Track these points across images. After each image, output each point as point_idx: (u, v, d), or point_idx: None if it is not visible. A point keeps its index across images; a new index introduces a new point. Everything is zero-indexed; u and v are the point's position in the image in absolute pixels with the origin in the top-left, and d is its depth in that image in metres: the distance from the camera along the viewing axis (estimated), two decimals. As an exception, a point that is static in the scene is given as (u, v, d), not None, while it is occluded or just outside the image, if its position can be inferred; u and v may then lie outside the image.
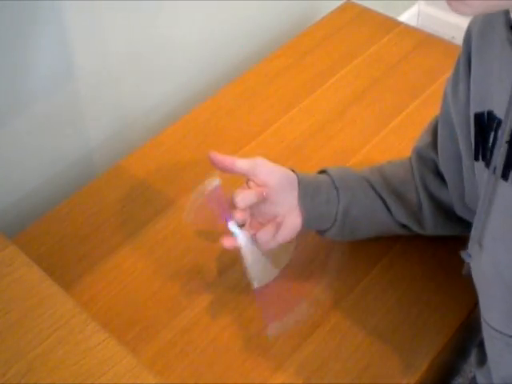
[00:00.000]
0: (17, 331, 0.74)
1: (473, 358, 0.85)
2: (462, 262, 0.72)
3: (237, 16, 1.29)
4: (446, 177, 0.80)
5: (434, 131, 0.81)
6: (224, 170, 0.77)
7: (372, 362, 0.80)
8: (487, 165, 0.63)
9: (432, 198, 0.82)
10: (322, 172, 0.85)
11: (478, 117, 0.65)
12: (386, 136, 1.09)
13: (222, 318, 0.85)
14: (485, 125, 0.64)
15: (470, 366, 1.20)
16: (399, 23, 1.35)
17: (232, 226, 0.77)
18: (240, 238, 0.77)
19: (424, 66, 1.21)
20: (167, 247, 0.94)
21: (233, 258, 0.91)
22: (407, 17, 1.98)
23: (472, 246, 0.68)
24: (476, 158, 0.67)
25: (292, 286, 0.88)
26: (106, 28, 1.05)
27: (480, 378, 0.80)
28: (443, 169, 0.80)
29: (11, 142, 0.99)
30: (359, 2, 1.38)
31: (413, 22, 1.98)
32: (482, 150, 0.65)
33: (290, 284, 0.88)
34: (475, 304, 0.85)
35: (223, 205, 0.76)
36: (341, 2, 1.38)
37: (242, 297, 0.87)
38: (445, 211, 0.83)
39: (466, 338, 0.97)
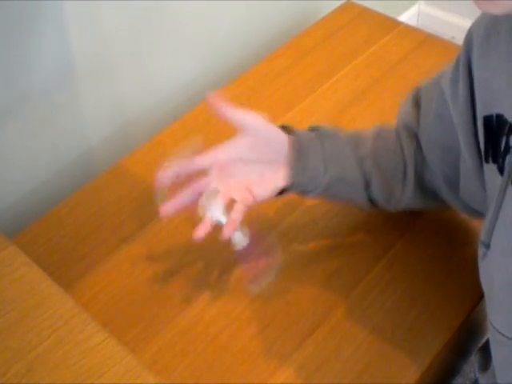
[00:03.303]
0: (17, 331, 0.74)
1: (476, 363, 0.85)
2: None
3: (237, 16, 1.29)
4: (431, 163, 0.81)
5: (418, 106, 0.82)
6: (217, 115, 0.79)
7: (372, 362, 0.80)
8: (500, 170, 0.63)
9: (418, 177, 0.82)
10: (313, 129, 0.85)
11: (487, 120, 0.65)
12: (386, 136, 1.09)
13: (222, 318, 0.85)
14: (494, 128, 0.63)
15: (471, 366, 1.20)
16: (399, 23, 1.35)
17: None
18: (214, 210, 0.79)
19: (424, 66, 1.21)
20: (167, 247, 0.94)
21: (233, 258, 0.91)
22: (407, 17, 1.98)
23: (480, 248, 0.68)
24: (486, 161, 0.66)
25: (291, 285, 0.88)
26: (106, 28, 1.05)
27: (483, 382, 0.80)
28: (427, 154, 0.81)
29: (11, 141, 0.99)
30: (359, 2, 1.38)
31: (413, 22, 1.98)
32: (493, 153, 0.65)
33: (289, 283, 0.88)
34: (475, 304, 0.85)
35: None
36: (341, 2, 1.38)
37: (242, 297, 0.87)
38: (425, 188, 0.83)
39: (467, 338, 0.97)
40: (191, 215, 0.98)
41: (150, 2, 1.08)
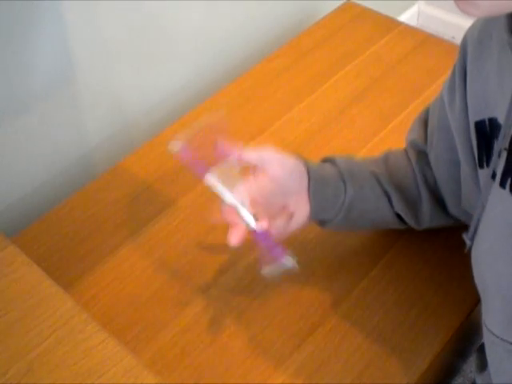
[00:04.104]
0: (17, 331, 0.74)
1: (473, 363, 0.85)
2: (463, 262, 0.72)
3: (237, 16, 1.29)
4: (438, 177, 0.80)
5: (426, 124, 0.82)
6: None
7: (372, 362, 0.80)
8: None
9: (431, 191, 0.82)
10: (327, 160, 0.84)
11: (479, 125, 0.65)
12: (386, 136, 1.09)
13: (221, 318, 0.85)
14: (487, 132, 0.63)
15: (470, 366, 1.20)
16: (399, 23, 1.35)
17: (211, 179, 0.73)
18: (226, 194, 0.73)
19: (424, 66, 1.21)
20: (167, 247, 0.94)
21: (233, 258, 0.91)
22: (407, 17, 1.98)
23: (471, 252, 0.68)
24: (480, 166, 0.66)
25: (291, 285, 0.88)
26: (106, 28, 1.05)
27: (480, 383, 0.80)
28: (435, 169, 0.80)
29: (11, 141, 0.99)
30: (359, 2, 1.38)
31: (413, 22, 1.99)
32: (487, 157, 0.64)
33: (289, 283, 0.88)
34: (475, 304, 0.85)
35: (225, 138, 0.74)
36: (341, 2, 1.38)
37: (242, 297, 0.87)
38: (442, 205, 0.83)
39: (466, 339, 0.97)
40: (190, 216, 0.98)
41: (149, 2, 1.08)
